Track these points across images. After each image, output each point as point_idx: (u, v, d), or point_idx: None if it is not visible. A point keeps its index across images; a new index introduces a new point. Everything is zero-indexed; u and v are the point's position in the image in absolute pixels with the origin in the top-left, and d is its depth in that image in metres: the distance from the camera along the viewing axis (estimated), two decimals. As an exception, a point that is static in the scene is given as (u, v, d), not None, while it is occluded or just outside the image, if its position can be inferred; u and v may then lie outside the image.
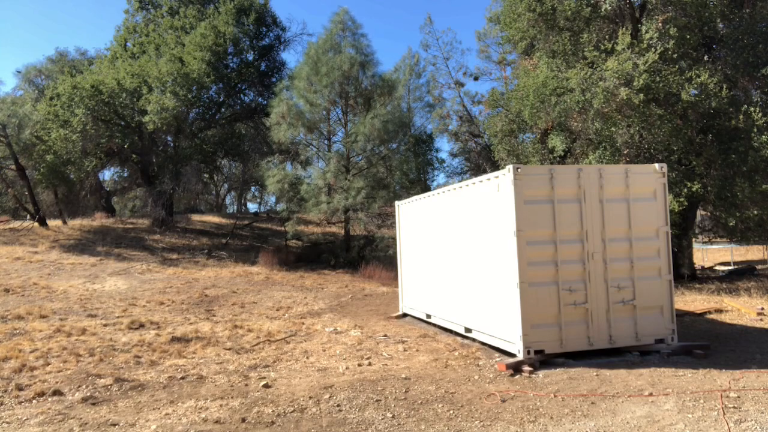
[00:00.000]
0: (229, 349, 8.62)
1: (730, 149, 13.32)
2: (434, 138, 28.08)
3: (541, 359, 7.11)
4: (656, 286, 7.69)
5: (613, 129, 14.18)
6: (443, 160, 29.89)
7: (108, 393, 6.33)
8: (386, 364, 7.53)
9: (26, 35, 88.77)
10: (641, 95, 12.64)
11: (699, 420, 4.96)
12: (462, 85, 29.40)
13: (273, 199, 30.74)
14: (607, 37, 14.72)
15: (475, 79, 29.97)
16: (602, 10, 14.30)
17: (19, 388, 6.48)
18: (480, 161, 28.47)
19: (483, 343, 8.36)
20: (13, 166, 26.07)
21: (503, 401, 5.68)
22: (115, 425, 5.27)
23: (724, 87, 12.78)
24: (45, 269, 16.93)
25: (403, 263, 12.19)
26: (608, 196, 7.60)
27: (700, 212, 17.55)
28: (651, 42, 13.12)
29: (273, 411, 5.54)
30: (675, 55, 13.21)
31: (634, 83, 12.66)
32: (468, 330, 8.81)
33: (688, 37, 13.45)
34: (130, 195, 35.26)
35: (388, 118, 20.43)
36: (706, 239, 19.30)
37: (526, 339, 7.05)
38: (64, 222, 27.08)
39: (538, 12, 14.94)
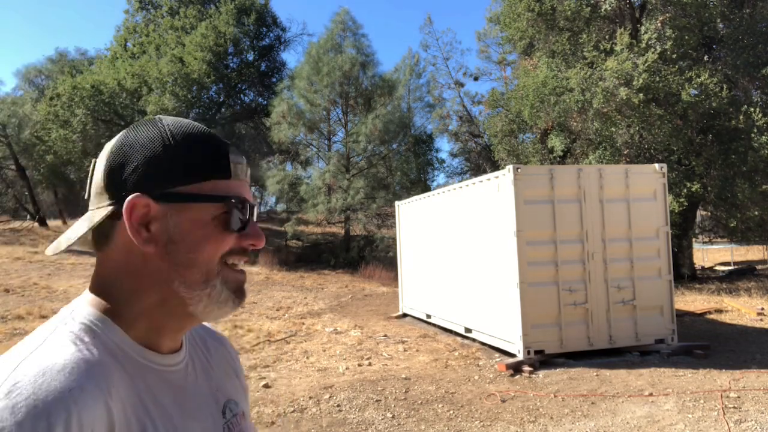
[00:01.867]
0: (229, 349, 8.60)
1: (730, 149, 13.32)
2: (434, 138, 28.00)
3: (541, 359, 7.11)
4: (656, 286, 7.69)
5: (612, 129, 14.18)
6: (443, 161, 29.81)
7: (108, 393, 6.32)
8: (386, 364, 7.52)
9: (26, 35, 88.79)
10: (641, 95, 12.64)
11: (699, 420, 4.96)
12: (462, 85, 29.38)
13: (273, 199, 30.74)
14: (606, 37, 14.73)
15: (475, 79, 29.95)
16: (602, 10, 14.31)
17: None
18: (480, 161, 28.44)
19: (483, 343, 8.36)
20: (13, 166, 26.10)
21: (503, 401, 5.68)
22: (115, 425, 5.26)
23: (724, 87, 12.78)
24: (45, 269, 16.92)
25: (403, 263, 12.19)
26: (608, 197, 7.60)
27: (700, 212, 17.55)
28: (650, 42, 13.12)
29: (273, 411, 5.54)
30: (675, 55, 13.21)
31: (634, 83, 12.66)
32: (468, 330, 8.81)
33: (687, 37, 13.46)
34: (131, 195, 35.20)
35: (390, 118, 20.43)
36: (706, 239, 19.31)
37: (526, 339, 7.04)
38: (64, 222, 27.09)
39: (537, 12, 14.96)
